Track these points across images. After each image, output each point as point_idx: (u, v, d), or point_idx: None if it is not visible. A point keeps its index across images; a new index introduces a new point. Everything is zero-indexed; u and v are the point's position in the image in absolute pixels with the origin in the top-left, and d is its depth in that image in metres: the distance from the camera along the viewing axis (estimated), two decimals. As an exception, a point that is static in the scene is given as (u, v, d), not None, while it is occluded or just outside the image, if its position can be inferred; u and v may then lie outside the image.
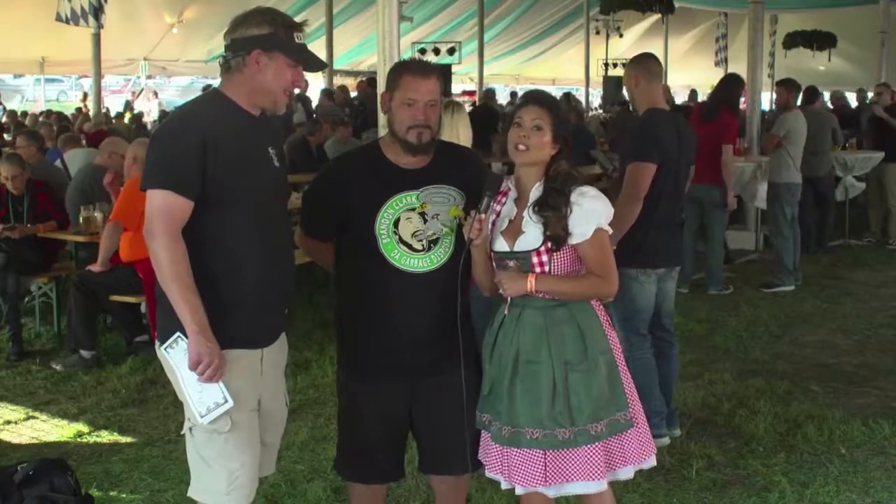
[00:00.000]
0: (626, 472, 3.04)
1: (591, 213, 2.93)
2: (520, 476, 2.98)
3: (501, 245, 3.01)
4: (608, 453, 2.97)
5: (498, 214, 3.05)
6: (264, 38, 2.81)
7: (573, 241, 2.93)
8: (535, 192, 2.98)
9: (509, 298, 3.02)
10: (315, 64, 2.97)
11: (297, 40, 2.86)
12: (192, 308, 2.71)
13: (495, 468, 3.08)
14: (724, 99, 8.01)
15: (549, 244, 2.93)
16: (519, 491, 3.03)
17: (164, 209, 2.73)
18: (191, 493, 2.99)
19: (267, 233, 2.89)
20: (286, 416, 3.21)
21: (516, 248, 2.97)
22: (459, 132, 4.69)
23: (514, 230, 2.99)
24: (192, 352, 2.73)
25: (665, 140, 4.57)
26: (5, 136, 13.44)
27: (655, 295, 4.67)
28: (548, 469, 2.94)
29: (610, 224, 3.01)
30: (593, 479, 2.94)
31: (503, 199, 3.06)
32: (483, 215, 2.96)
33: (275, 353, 3.03)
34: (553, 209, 2.92)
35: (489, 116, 14.35)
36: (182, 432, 2.98)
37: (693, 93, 22.16)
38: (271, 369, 3.02)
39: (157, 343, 2.93)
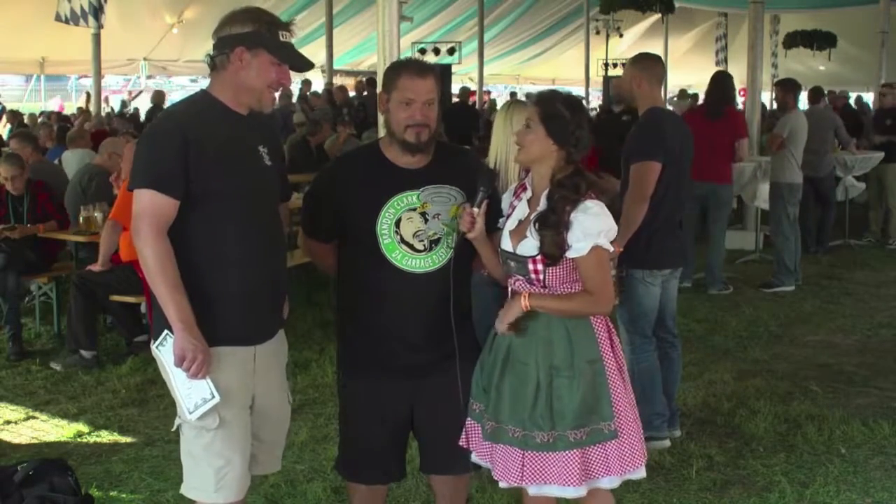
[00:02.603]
0: (611, 482, 3.00)
1: (589, 230, 2.89)
2: (500, 471, 3.00)
3: (507, 244, 3.01)
4: (586, 461, 2.94)
5: (513, 210, 3.05)
6: (247, 35, 2.82)
7: (570, 255, 2.91)
8: (543, 200, 2.95)
9: (510, 292, 3.03)
10: (300, 63, 2.96)
11: (281, 38, 2.87)
12: (178, 305, 2.73)
13: (484, 456, 3.10)
14: (727, 95, 8.00)
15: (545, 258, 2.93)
16: (502, 485, 3.04)
17: (150, 208, 2.75)
18: (182, 490, 3.00)
19: (255, 230, 2.89)
20: (289, 414, 3.21)
21: (518, 251, 2.97)
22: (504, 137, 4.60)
23: (520, 232, 2.98)
24: (177, 348, 2.75)
25: (670, 138, 4.56)
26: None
27: (660, 296, 4.66)
28: (525, 468, 2.95)
29: (617, 227, 2.99)
30: (569, 485, 2.93)
31: (521, 195, 3.05)
32: (476, 209, 2.96)
33: (271, 350, 3.03)
34: (550, 228, 2.89)
35: (467, 116, 14.32)
36: (173, 429, 2.99)
37: (682, 92, 21.93)
38: (267, 367, 3.01)
39: (151, 342, 2.95)
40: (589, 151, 3.06)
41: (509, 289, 3.05)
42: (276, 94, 3.18)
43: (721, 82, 8.12)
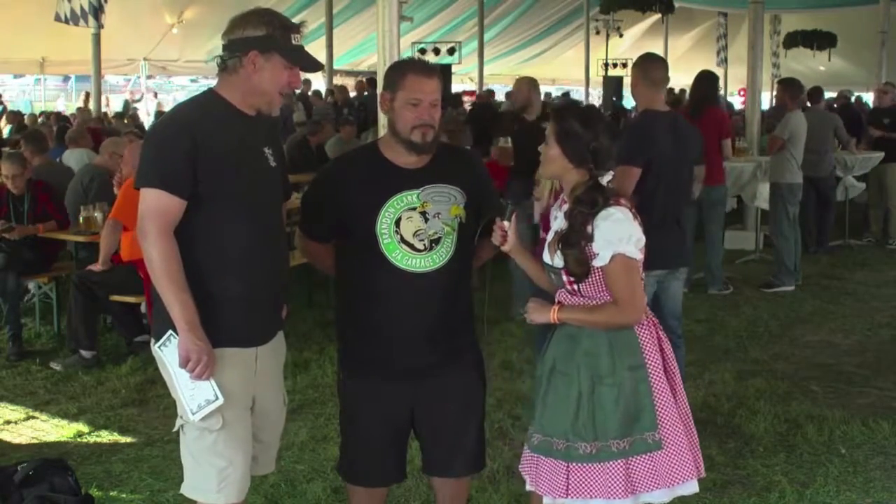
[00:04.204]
0: (661, 496, 2.91)
1: (610, 237, 2.83)
2: (545, 485, 2.95)
3: (546, 257, 3.00)
4: (630, 472, 2.86)
5: (555, 219, 3.03)
6: (261, 39, 2.82)
7: (595, 263, 2.86)
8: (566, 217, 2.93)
9: (557, 304, 3.01)
10: (312, 65, 2.98)
11: (294, 42, 2.87)
12: (183, 305, 2.73)
13: (527, 469, 3.08)
14: (706, 95, 7.98)
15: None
16: (547, 501, 2.99)
17: (156, 208, 2.75)
18: (183, 490, 3.00)
19: (260, 232, 2.89)
20: (284, 416, 3.21)
21: (554, 263, 2.95)
22: None
23: (556, 244, 2.95)
24: (182, 349, 2.75)
25: (656, 141, 4.57)
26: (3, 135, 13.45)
27: (658, 296, 4.64)
28: (570, 482, 2.89)
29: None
30: (615, 498, 2.85)
31: (563, 208, 3.00)
32: (506, 223, 2.95)
33: (270, 352, 3.03)
34: (570, 246, 2.85)
35: (490, 116, 14.40)
36: (175, 430, 2.99)
37: (682, 92, 22.02)
38: (267, 368, 3.02)
39: (152, 342, 2.95)
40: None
41: (556, 298, 3.02)
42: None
43: (702, 81, 8.07)
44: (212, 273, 2.82)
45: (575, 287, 2.91)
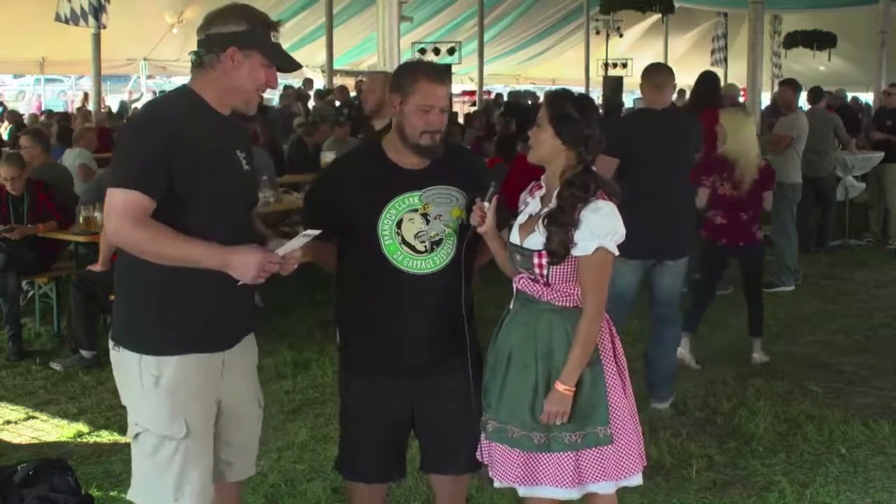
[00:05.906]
0: (605, 488, 2.98)
1: (597, 230, 2.87)
2: (498, 471, 3.01)
3: (514, 237, 3.02)
4: (580, 464, 2.93)
5: (526, 205, 3.06)
6: (241, 35, 2.72)
7: (575, 252, 2.89)
8: (554, 198, 2.95)
9: (515, 291, 3.03)
10: (290, 64, 2.88)
11: (272, 39, 2.79)
12: (206, 251, 2.61)
13: (483, 454, 3.11)
14: (703, 94, 7.97)
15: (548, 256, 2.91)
16: (497, 484, 3.05)
17: (125, 203, 2.60)
18: (131, 496, 2.86)
19: (227, 234, 2.72)
20: (261, 418, 3.11)
21: (524, 245, 2.97)
22: (745, 137, 5.92)
23: (529, 226, 2.99)
24: (249, 278, 2.63)
25: (632, 136, 4.94)
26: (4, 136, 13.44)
27: (645, 284, 5.07)
28: (520, 469, 2.95)
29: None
30: (562, 486, 2.92)
31: (536, 192, 3.05)
32: (486, 203, 2.96)
33: (239, 355, 2.93)
34: (558, 226, 2.88)
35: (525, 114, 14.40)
36: (128, 438, 2.86)
37: (682, 92, 22.05)
38: (235, 371, 2.91)
39: (110, 343, 2.85)
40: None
41: (514, 286, 3.04)
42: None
43: (702, 83, 8.09)
44: (178, 276, 2.68)
45: (544, 272, 2.92)
